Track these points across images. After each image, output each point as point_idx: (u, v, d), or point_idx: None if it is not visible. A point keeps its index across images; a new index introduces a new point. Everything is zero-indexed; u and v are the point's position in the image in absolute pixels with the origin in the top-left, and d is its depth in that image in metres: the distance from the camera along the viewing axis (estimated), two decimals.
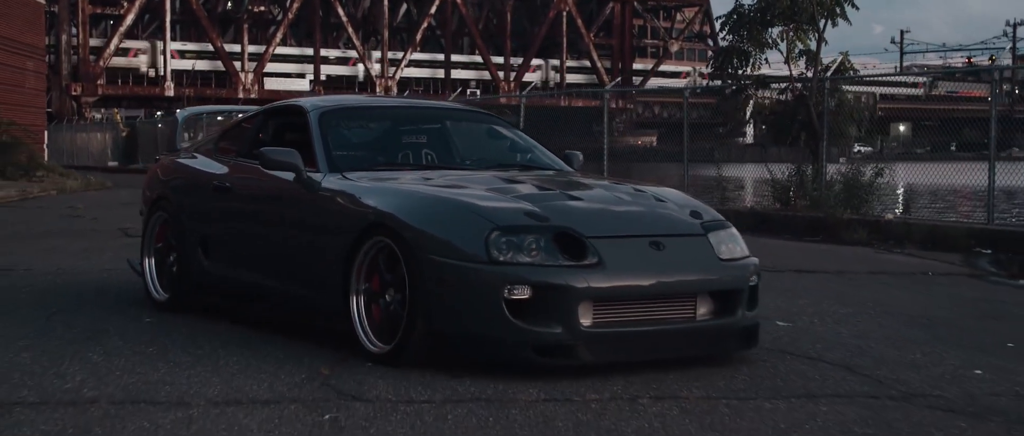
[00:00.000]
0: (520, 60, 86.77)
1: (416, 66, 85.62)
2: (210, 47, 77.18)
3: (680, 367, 5.48)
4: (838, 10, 15.17)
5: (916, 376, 5.49)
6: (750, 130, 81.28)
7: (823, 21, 15.25)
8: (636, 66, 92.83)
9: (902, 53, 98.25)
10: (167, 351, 5.87)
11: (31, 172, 28.07)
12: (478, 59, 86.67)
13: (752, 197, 17.01)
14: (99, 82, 75.22)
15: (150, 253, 7.54)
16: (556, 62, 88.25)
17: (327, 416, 4.56)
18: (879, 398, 5.01)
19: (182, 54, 78.56)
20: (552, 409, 4.70)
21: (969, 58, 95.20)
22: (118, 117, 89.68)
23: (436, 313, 5.31)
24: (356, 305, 5.69)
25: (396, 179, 6.14)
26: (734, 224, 6.12)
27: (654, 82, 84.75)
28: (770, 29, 15.50)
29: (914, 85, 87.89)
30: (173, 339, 6.21)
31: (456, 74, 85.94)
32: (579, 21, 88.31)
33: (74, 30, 74.91)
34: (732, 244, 5.80)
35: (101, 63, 74.81)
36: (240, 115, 8.45)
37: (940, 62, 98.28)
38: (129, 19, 75.45)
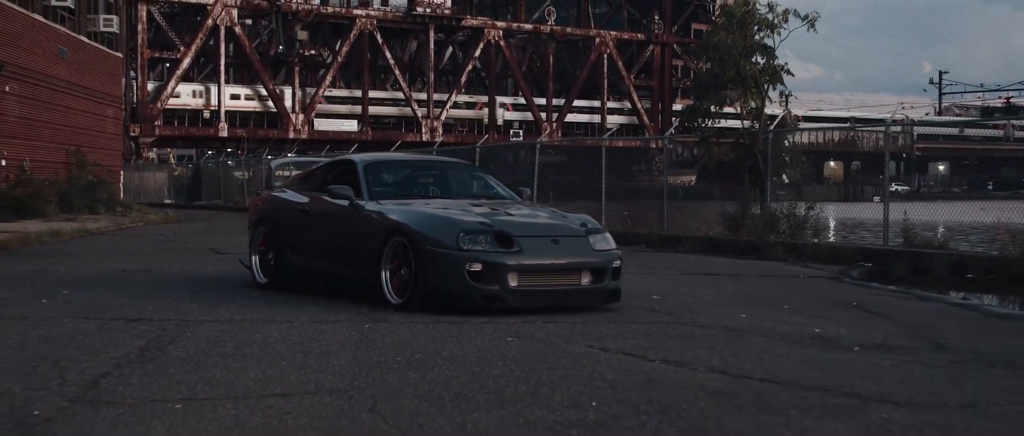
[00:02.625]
0: (562, 101, 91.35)
1: (461, 107, 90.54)
2: (263, 90, 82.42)
3: (570, 311, 9.79)
4: (779, 77, 19.57)
5: (686, 317, 9.73)
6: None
7: (766, 85, 19.64)
8: (677, 107, 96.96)
9: (941, 93, 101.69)
10: (274, 304, 10.30)
11: (113, 207, 32.90)
12: (521, 100, 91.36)
13: (716, 226, 21.20)
14: (156, 123, 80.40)
15: (255, 252, 12.02)
16: (596, 103, 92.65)
17: (366, 326, 8.92)
18: (670, 324, 9.33)
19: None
20: (487, 325, 9.02)
21: (1007, 98, 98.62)
22: (171, 158, 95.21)
23: (429, 279, 9.67)
24: (384, 277, 10.07)
25: (410, 204, 10.56)
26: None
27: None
28: (725, 92, 19.90)
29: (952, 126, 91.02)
30: (275, 300, 10.65)
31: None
32: (620, 63, 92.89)
33: (133, 73, 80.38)
34: (603, 243, 10.16)
35: (158, 105, 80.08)
36: (308, 166, 12.95)
37: (978, 102, 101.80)
38: (186, 63, 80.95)
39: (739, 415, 5.65)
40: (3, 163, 28.46)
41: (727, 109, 20.42)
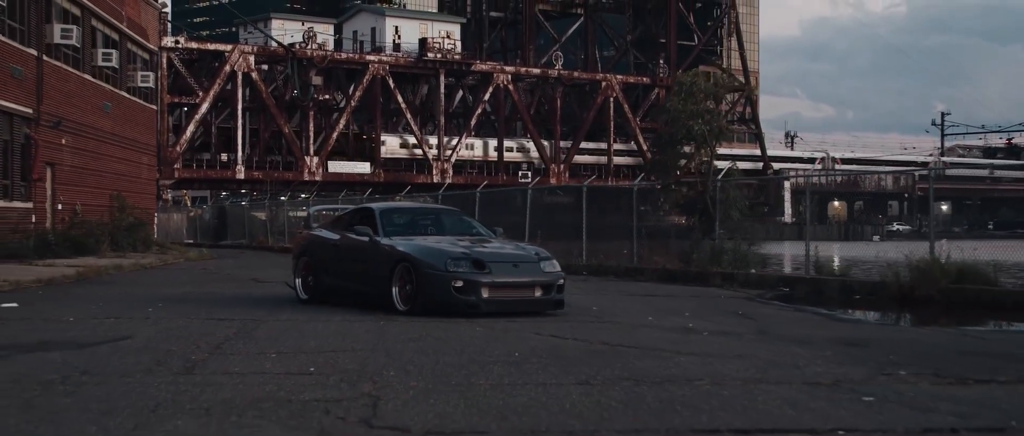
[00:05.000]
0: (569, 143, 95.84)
1: (471, 149, 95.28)
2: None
3: (526, 315, 14.16)
4: (724, 134, 23.96)
5: (607, 318, 14.10)
6: (788, 209, 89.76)
7: (714, 142, 24.05)
8: (686, 148, 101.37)
9: (943, 134, 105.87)
10: (315, 312, 14.71)
11: (150, 246, 37.40)
12: (529, 143, 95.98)
13: (675, 260, 25.60)
14: (176, 166, 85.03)
15: (298, 276, 16.51)
16: (603, 144, 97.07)
17: (382, 323, 13.30)
18: (593, 322, 13.69)
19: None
20: (465, 322, 13.36)
21: (1009, 139, 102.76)
22: (187, 200, 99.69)
23: (426, 293, 14.08)
24: (394, 292, 14.48)
25: (413, 239, 15.01)
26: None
27: None
28: (681, 146, 24.32)
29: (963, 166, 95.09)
30: (316, 309, 15.08)
31: (508, 156, 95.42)
32: (626, 106, 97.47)
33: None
34: (551, 267, 14.60)
35: (177, 148, 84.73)
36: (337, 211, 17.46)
37: (979, 142, 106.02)
38: (204, 107, 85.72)
39: (599, 358, 10.03)
40: (60, 207, 33.03)
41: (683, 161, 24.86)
